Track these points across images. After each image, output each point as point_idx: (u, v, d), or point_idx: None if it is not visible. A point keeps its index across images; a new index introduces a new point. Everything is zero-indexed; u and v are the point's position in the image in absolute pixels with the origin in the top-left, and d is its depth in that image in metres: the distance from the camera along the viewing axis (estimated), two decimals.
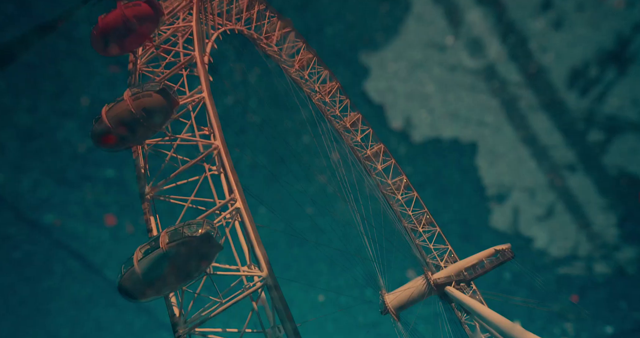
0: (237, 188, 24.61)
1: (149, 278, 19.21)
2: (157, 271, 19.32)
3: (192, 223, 21.09)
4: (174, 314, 21.66)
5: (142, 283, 19.19)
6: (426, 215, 41.37)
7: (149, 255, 19.53)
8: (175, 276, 19.93)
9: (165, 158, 24.24)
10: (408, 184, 41.63)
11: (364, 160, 41.72)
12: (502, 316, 21.79)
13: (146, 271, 19.17)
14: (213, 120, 25.26)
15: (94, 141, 21.84)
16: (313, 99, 38.96)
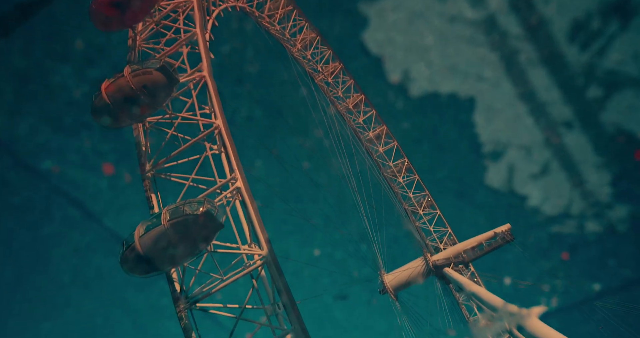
0: (237, 168, 24.66)
1: (150, 254, 19.43)
2: (158, 247, 19.53)
3: (193, 201, 21.23)
4: (175, 290, 21.98)
5: (143, 259, 19.43)
6: (427, 197, 41.43)
7: (150, 232, 19.72)
8: (176, 253, 20.14)
9: (166, 136, 24.21)
10: (410, 167, 41.58)
11: (366, 142, 41.61)
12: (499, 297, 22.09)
13: (147, 247, 19.38)
14: (214, 99, 25.14)
15: (94, 117, 21.79)
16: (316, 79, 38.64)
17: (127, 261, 19.66)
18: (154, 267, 20.00)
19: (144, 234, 19.64)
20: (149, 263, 19.71)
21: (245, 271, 22.49)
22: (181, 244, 20.07)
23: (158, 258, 19.78)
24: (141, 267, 19.83)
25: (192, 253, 20.97)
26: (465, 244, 31.75)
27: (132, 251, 19.44)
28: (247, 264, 22.89)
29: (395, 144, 41.57)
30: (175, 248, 20.07)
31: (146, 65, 21.66)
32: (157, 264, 19.99)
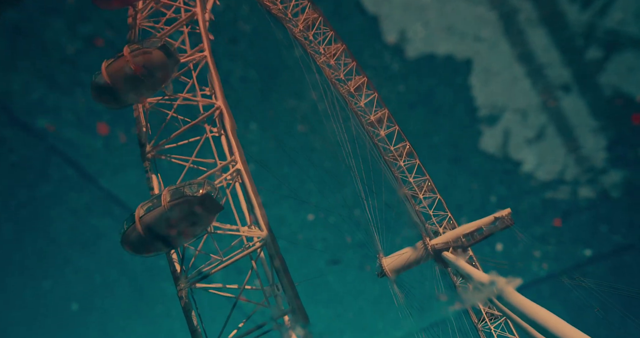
0: (237, 150, 24.62)
1: (150, 234, 19.60)
2: (158, 228, 19.69)
3: (194, 182, 21.28)
4: (175, 270, 22.23)
5: (144, 239, 19.60)
6: (427, 182, 41.43)
7: (151, 213, 19.84)
8: (176, 234, 20.31)
9: (166, 117, 24.09)
10: (411, 150, 41.46)
11: (367, 126, 41.40)
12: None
13: (147, 228, 19.53)
14: (215, 80, 24.93)
15: (94, 97, 21.65)
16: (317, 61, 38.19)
17: (128, 241, 19.85)
18: (154, 248, 20.21)
19: (144, 215, 19.77)
20: (149, 243, 19.90)
21: (244, 253, 22.66)
22: (181, 225, 20.21)
23: (158, 239, 19.95)
24: (141, 247, 20.04)
25: (192, 234, 21.13)
26: (465, 228, 31.88)
27: (132, 232, 19.60)
28: (247, 246, 23.07)
29: (396, 128, 41.38)
30: (175, 229, 20.23)
31: (146, 44, 21.41)
32: (157, 245, 20.18)
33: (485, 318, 36.46)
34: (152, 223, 19.70)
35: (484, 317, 36.53)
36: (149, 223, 19.66)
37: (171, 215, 19.86)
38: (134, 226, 19.51)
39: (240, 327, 21.60)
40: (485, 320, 36.46)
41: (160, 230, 19.83)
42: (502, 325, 36.23)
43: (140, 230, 19.50)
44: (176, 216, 20.01)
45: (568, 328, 17.67)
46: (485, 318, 36.46)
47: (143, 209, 19.94)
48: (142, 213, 19.85)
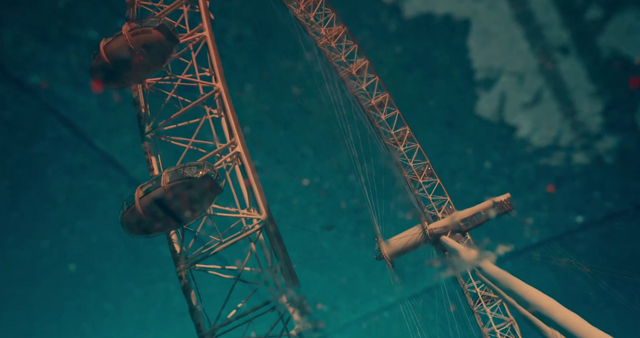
0: (237, 132, 24.52)
1: (150, 216, 19.64)
2: (157, 209, 19.72)
3: (193, 164, 21.25)
4: (175, 250, 22.36)
5: (143, 220, 19.65)
6: (427, 166, 41.40)
7: (150, 194, 19.85)
8: (176, 216, 20.36)
9: (166, 98, 23.91)
10: (411, 135, 41.31)
11: (368, 110, 41.14)
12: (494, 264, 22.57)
13: (147, 209, 19.57)
14: (214, 61, 24.66)
15: (93, 77, 21.43)
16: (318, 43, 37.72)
17: (128, 222, 19.90)
18: (154, 228, 20.27)
19: (143, 196, 19.78)
20: (149, 224, 19.95)
21: (243, 235, 22.78)
22: (180, 207, 20.25)
23: (158, 220, 20.00)
24: (141, 228, 20.10)
25: (191, 216, 21.18)
26: (463, 213, 31.98)
27: (132, 213, 19.63)
28: (246, 228, 23.16)
29: (397, 113, 41.15)
30: (175, 211, 20.27)
31: (145, 23, 21.09)
32: (157, 226, 20.24)
33: (481, 300, 36.96)
34: (151, 204, 19.72)
35: (480, 300, 37.03)
36: (149, 204, 19.69)
37: (170, 197, 19.87)
38: (134, 207, 19.54)
39: (240, 307, 21.88)
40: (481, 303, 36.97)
41: (160, 211, 19.87)
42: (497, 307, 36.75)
43: (139, 211, 19.54)
44: (176, 198, 20.02)
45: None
46: (481, 300, 36.96)
47: (142, 190, 19.94)
48: (142, 194, 19.86)
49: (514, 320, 36.26)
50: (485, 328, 36.22)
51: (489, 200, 30.97)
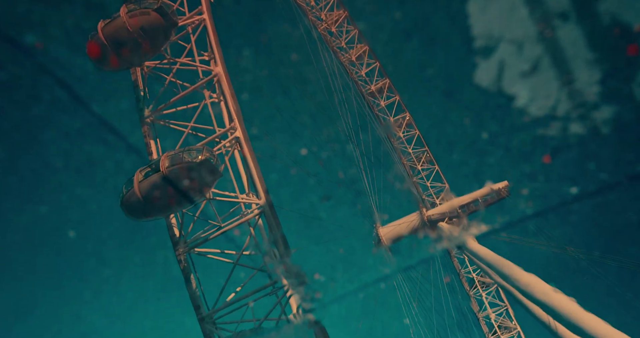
0: (237, 117, 24.42)
1: (149, 199, 19.68)
2: (156, 193, 19.75)
3: (192, 149, 21.22)
4: (174, 234, 22.48)
5: (143, 204, 19.70)
6: (426, 153, 41.41)
7: (149, 178, 19.86)
8: (175, 200, 20.41)
9: (165, 82, 23.75)
10: (410, 122, 41.22)
11: (368, 96, 40.96)
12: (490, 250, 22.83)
13: (146, 193, 19.60)
14: (214, 45, 24.43)
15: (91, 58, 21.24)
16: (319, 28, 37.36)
17: (127, 205, 19.95)
18: (153, 212, 20.34)
19: (143, 180, 19.79)
20: (148, 208, 20.01)
21: (242, 220, 22.89)
22: (179, 191, 20.28)
23: (157, 204, 20.05)
24: (140, 212, 20.16)
25: (191, 200, 21.23)
26: (461, 199, 32.10)
27: (131, 196, 19.67)
28: (245, 213, 23.26)
29: (397, 99, 40.97)
30: (174, 195, 20.31)
31: (143, 5, 20.81)
32: (156, 209, 20.30)
33: (478, 285, 37.41)
34: (150, 188, 19.76)
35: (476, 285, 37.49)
36: (148, 188, 19.72)
37: (169, 181, 19.89)
38: (133, 191, 19.57)
39: (238, 290, 22.10)
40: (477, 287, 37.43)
41: (159, 195, 19.91)
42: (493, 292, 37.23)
43: (138, 195, 19.58)
44: (175, 182, 20.05)
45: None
46: (478, 285, 37.41)
47: (142, 174, 19.95)
48: (141, 178, 19.87)
49: (508, 305, 36.79)
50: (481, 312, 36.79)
51: (487, 187, 31.10)
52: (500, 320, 36.44)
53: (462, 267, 38.13)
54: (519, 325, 36.32)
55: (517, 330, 36.28)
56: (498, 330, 36.20)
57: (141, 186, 19.66)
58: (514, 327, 36.30)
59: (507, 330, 36.25)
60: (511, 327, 36.32)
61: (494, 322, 36.37)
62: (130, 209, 20.01)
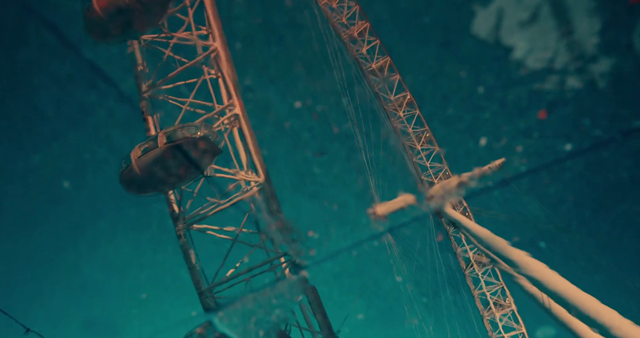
0: (235, 94, 24.20)
1: (147, 175, 19.67)
2: (154, 170, 19.74)
3: (191, 125, 21.10)
4: (173, 210, 22.55)
5: (141, 180, 19.71)
6: (426, 133, 41.23)
7: (148, 154, 19.80)
8: (173, 176, 20.41)
9: (163, 57, 23.39)
10: (411, 101, 40.90)
11: (368, 74, 40.50)
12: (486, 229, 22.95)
13: (144, 169, 19.58)
14: (212, 19, 24.00)
15: (87, 32, 20.86)
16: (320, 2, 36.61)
17: (126, 181, 19.96)
18: (152, 188, 20.37)
19: (141, 156, 19.74)
20: (146, 184, 20.03)
21: (241, 197, 22.94)
22: (178, 167, 20.26)
23: (155, 180, 20.05)
24: (139, 188, 20.21)
25: (189, 177, 21.24)
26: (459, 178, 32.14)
27: (130, 172, 19.65)
28: (244, 190, 23.30)
29: (398, 78, 40.55)
30: (172, 171, 20.30)
31: None
32: (154, 186, 20.31)
33: (474, 264, 37.89)
34: (148, 164, 19.74)
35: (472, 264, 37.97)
36: (146, 164, 19.70)
37: (167, 157, 19.84)
38: (131, 166, 19.54)
39: (237, 266, 22.33)
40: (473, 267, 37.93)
41: (157, 171, 19.90)
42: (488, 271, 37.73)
43: (137, 171, 19.56)
44: (173, 159, 20.00)
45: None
46: (474, 264, 37.89)
47: (140, 150, 19.87)
48: (139, 154, 19.81)
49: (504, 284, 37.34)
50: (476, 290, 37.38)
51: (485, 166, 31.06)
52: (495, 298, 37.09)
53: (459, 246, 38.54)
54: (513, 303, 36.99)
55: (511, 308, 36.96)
56: (493, 307, 36.87)
57: (139, 162, 19.62)
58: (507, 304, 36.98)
59: (501, 307, 36.94)
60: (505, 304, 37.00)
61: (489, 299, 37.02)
62: (129, 185, 20.05)
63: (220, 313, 20.15)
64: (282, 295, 20.42)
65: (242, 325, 18.54)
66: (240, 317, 18.88)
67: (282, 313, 20.00)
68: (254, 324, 18.62)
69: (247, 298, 20.02)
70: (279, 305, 19.84)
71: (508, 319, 37.18)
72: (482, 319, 36.95)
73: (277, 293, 20.40)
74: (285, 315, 20.42)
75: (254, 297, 19.76)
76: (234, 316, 19.28)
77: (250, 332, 18.37)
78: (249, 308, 19.23)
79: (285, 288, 20.95)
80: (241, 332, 18.25)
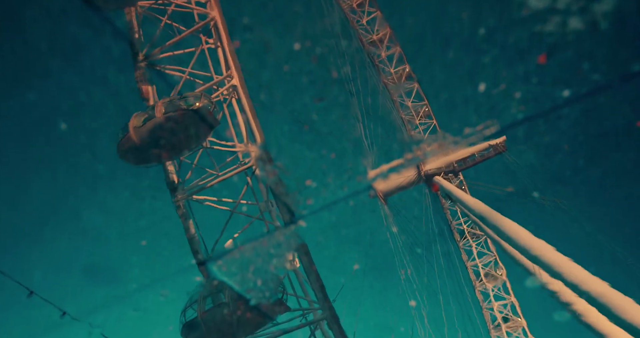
0: (234, 65, 23.89)
1: (145, 145, 19.59)
2: (152, 140, 19.62)
3: (190, 95, 20.89)
4: (172, 181, 22.61)
5: (139, 150, 19.64)
6: (425, 107, 41.04)
7: (146, 124, 19.66)
8: (171, 146, 20.33)
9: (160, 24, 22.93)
10: (410, 74, 40.50)
11: (368, 46, 39.93)
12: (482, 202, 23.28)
13: (142, 139, 19.48)
14: None
15: None
16: None
17: (124, 150, 19.88)
18: (150, 158, 20.32)
19: (139, 126, 19.61)
20: (144, 154, 19.96)
21: (240, 169, 22.99)
22: (176, 138, 20.17)
23: (153, 150, 19.97)
24: (137, 157, 20.15)
25: (187, 147, 21.17)
26: (458, 154, 32.30)
27: (128, 141, 19.57)
28: (242, 162, 23.32)
29: (398, 50, 40.02)
30: (170, 142, 20.21)
31: None
32: (152, 156, 20.25)
33: (467, 236, 38.51)
34: (146, 134, 19.62)
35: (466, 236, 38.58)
36: (144, 134, 19.58)
37: (166, 127, 19.71)
38: (129, 136, 19.46)
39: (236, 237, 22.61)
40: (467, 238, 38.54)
41: (155, 141, 19.79)
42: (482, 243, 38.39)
43: (135, 140, 19.48)
44: (171, 129, 19.88)
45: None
46: (467, 236, 38.51)
47: (138, 119, 19.74)
48: (138, 124, 19.69)
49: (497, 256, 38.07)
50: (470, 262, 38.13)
51: (485, 143, 31.17)
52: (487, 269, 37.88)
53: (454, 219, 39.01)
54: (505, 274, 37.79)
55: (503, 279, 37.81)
56: (484, 277, 37.69)
57: (137, 132, 19.51)
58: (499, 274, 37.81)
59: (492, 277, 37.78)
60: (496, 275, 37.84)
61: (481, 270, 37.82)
62: (127, 155, 19.97)
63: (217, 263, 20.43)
64: (276, 245, 20.71)
65: (239, 274, 18.91)
66: (238, 268, 19.25)
67: (279, 262, 20.33)
68: (251, 274, 18.99)
69: (244, 247, 20.34)
70: (274, 254, 20.13)
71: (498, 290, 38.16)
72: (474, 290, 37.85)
73: (272, 242, 20.67)
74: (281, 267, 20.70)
75: (250, 246, 20.06)
76: (230, 266, 19.65)
77: (248, 281, 18.77)
78: (245, 258, 19.55)
79: (279, 238, 21.21)
80: (239, 282, 18.65)
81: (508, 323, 37.10)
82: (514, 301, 37.71)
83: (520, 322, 37.09)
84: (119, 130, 19.95)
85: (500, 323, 37.18)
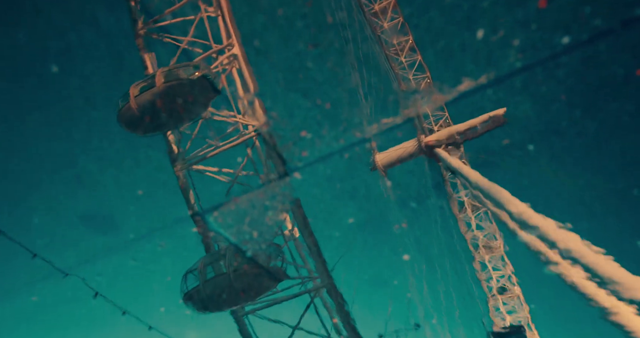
0: (234, 34, 23.53)
1: (145, 114, 19.55)
2: (152, 109, 19.58)
3: (190, 64, 20.68)
4: (172, 151, 22.69)
5: (139, 118, 19.62)
6: (427, 79, 40.56)
7: (145, 93, 19.57)
8: (171, 116, 20.27)
9: None
10: (413, 46, 39.85)
11: (370, 16, 39.12)
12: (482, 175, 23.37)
13: (142, 108, 19.44)
14: None
15: None
16: None
17: (124, 119, 19.88)
18: (150, 127, 20.31)
19: (139, 94, 19.52)
20: (145, 123, 19.95)
21: (240, 140, 23.00)
22: (175, 107, 20.09)
23: (153, 120, 19.94)
24: (137, 126, 20.14)
25: (188, 117, 21.12)
26: (459, 126, 32.20)
27: (127, 110, 19.54)
28: (243, 133, 23.31)
29: (400, 20, 39.22)
30: (170, 111, 20.13)
31: None
32: (153, 125, 20.23)
33: (467, 208, 38.86)
34: (146, 103, 19.55)
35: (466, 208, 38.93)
36: (144, 103, 19.52)
37: (165, 97, 19.61)
38: (129, 105, 19.41)
39: None
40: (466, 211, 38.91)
41: (155, 110, 19.74)
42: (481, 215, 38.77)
43: (134, 109, 19.44)
44: (171, 98, 19.79)
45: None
46: (467, 208, 38.86)
47: (137, 88, 19.63)
48: (137, 93, 19.59)
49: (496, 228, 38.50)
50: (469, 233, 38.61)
51: (485, 115, 30.99)
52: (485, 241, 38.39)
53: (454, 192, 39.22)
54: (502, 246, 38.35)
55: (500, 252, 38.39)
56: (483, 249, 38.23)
57: (137, 100, 19.45)
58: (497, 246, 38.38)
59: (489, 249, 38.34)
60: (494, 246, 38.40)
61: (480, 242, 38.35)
62: (127, 124, 19.98)
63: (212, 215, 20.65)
64: (271, 198, 20.95)
65: (235, 228, 19.25)
66: (233, 221, 19.57)
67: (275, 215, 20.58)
68: (247, 228, 19.33)
69: (239, 199, 20.59)
70: (269, 207, 20.38)
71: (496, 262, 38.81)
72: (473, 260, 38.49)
73: (266, 195, 20.89)
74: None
75: (245, 198, 20.30)
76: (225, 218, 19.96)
77: (245, 235, 19.13)
78: (240, 210, 19.83)
79: (274, 191, 21.43)
80: (235, 236, 18.99)
81: (505, 293, 37.98)
82: (510, 272, 38.45)
83: (515, 291, 37.96)
84: (118, 99, 19.88)
85: (496, 294, 38.05)
